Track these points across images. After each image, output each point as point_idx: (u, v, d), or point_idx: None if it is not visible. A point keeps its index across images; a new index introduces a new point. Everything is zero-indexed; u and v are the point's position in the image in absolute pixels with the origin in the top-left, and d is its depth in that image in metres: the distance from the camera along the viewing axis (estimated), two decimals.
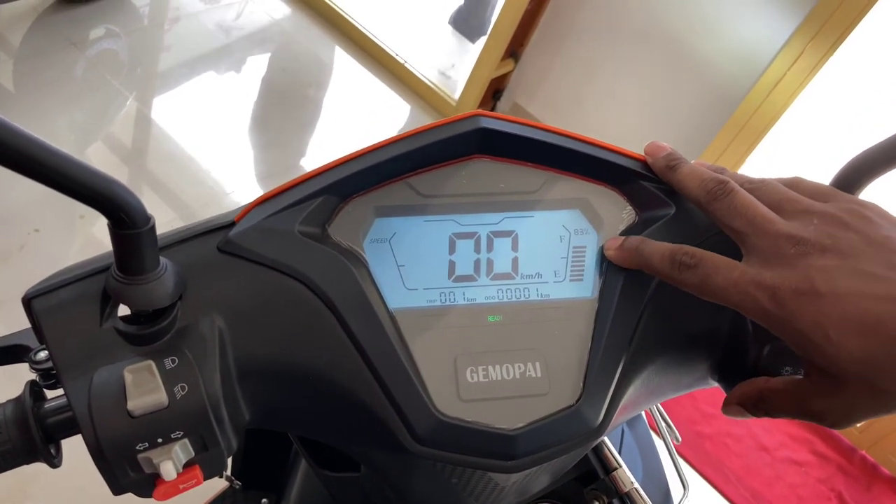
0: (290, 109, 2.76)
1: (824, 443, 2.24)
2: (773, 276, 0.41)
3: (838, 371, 0.39)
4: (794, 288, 0.40)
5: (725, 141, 2.22)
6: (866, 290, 0.39)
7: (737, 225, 0.44)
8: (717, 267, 0.43)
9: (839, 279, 0.39)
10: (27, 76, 2.44)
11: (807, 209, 0.43)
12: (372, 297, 0.46)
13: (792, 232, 0.42)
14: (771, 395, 0.46)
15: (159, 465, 0.40)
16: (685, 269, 0.44)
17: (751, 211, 0.44)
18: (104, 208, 0.36)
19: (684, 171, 0.48)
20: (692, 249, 0.45)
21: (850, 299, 0.39)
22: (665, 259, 0.46)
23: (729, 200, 0.45)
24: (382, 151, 0.47)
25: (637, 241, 0.48)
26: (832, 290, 0.39)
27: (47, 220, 1.98)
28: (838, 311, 0.39)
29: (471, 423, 0.45)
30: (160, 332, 0.42)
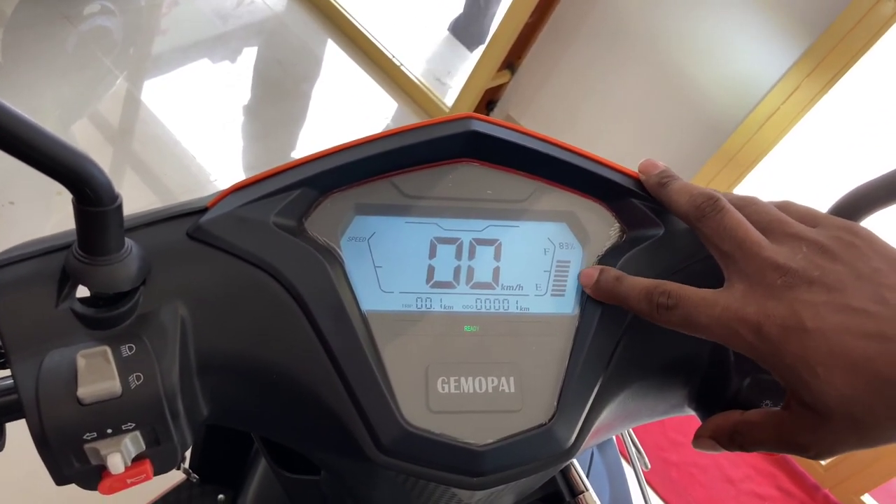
0: (281, 102, 2.74)
1: (789, 479, 2.24)
2: (758, 310, 0.40)
3: (823, 407, 0.38)
4: (781, 323, 0.39)
5: (714, 170, 2.22)
6: (854, 327, 0.38)
7: (725, 246, 0.43)
8: (696, 305, 0.42)
9: (827, 315, 0.38)
10: (16, 47, 2.40)
11: (796, 234, 0.42)
12: (345, 296, 0.44)
13: (780, 261, 0.40)
14: (747, 429, 0.44)
15: (106, 458, 0.38)
16: (664, 310, 0.43)
17: (740, 233, 0.42)
18: (68, 182, 0.34)
19: (675, 188, 0.47)
20: (670, 288, 0.43)
21: (838, 336, 0.38)
22: (642, 299, 0.44)
23: (719, 219, 0.44)
24: (368, 146, 0.46)
25: (613, 278, 0.47)
26: (819, 327, 0.38)
27: (23, 193, 1.94)
28: (825, 348, 0.38)
29: (438, 436, 0.43)
30: (119, 318, 0.40)
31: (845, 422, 0.38)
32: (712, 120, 2.26)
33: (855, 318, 0.38)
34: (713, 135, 2.25)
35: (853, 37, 1.88)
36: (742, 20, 2.10)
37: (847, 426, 0.38)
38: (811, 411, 0.39)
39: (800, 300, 0.39)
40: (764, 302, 0.40)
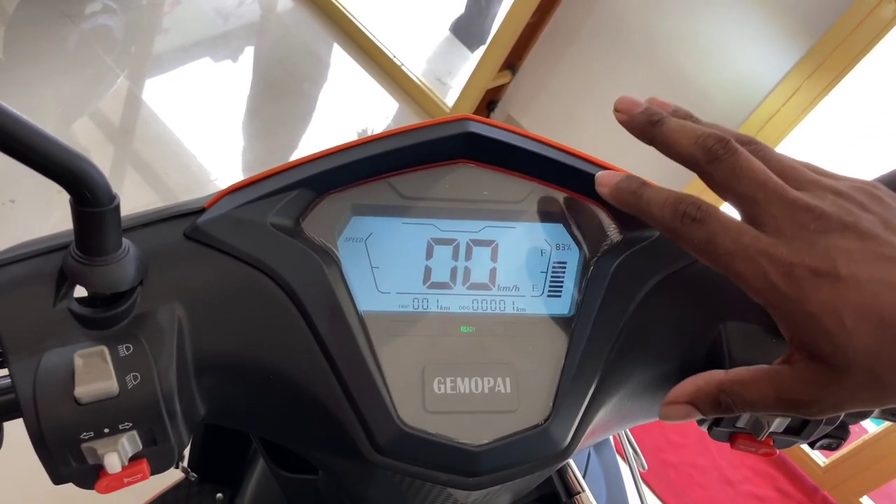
0: (282, 102, 2.74)
1: (788, 480, 2.24)
2: (790, 251, 0.37)
3: (844, 360, 0.36)
4: (814, 268, 0.36)
5: None
6: (887, 277, 0.36)
7: (745, 189, 0.39)
8: (725, 227, 0.38)
9: (862, 263, 0.36)
10: (17, 44, 2.40)
11: (818, 182, 0.39)
12: (342, 297, 0.44)
13: (811, 203, 0.37)
14: (736, 388, 0.41)
15: (103, 457, 0.38)
16: (689, 222, 0.39)
17: (761, 174, 0.39)
18: (66, 182, 0.34)
19: (672, 126, 0.42)
20: (700, 201, 0.40)
21: (871, 286, 0.36)
22: (667, 206, 0.40)
23: (734, 161, 0.39)
24: (365, 147, 0.46)
25: (637, 183, 0.43)
26: (853, 275, 0.36)
27: (24, 191, 1.94)
28: (857, 298, 0.36)
29: (434, 436, 0.44)
30: (116, 318, 0.40)
31: (864, 377, 0.36)
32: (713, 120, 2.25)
33: (889, 268, 0.36)
34: None
35: (854, 39, 1.88)
36: (743, 22, 2.10)
37: (864, 382, 0.36)
38: (823, 365, 0.37)
39: (835, 246, 0.36)
40: (796, 243, 0.37)
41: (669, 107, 0.45)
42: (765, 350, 0.47)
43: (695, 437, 2.22)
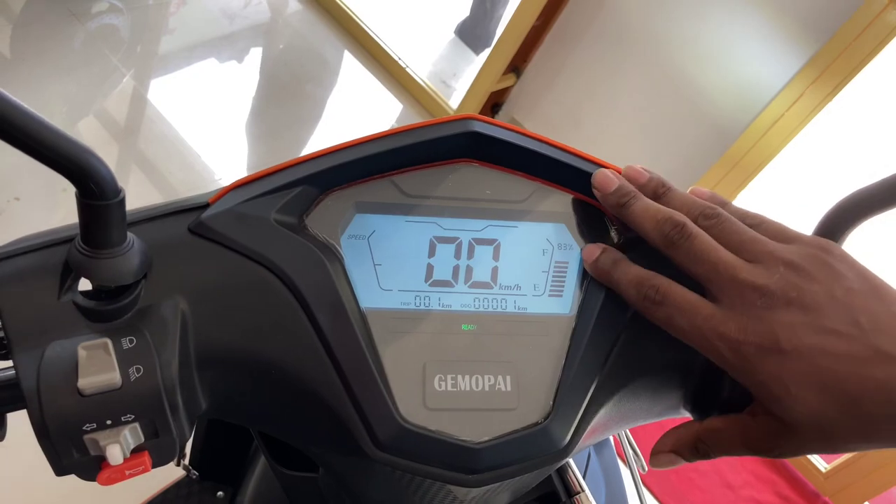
0: (287, 103, 2.75)
1: (789, 485, 2.24)
2: (738, 328, 0.41)
3: (793, 419, 0.40)
4: (758, 343, 0.40)
5: (718, 175, 2.22)
6: (828, 348, 0.39)
7: (699, 270, 0.43)
8: (681, 308, 0.43)
9: (803, 336, 0.40)
10: (24, 43, 2.41)
11: (771, 253, 0.43)
12: (344, 293, 0.44)
13: (758, 282, 0.41)
14: (711, 436, 0.46)
15: (106, 448, 0.39)
16: (650, 304, 0.44)
17: (713, 256, 0.43)
18: (73, 175, 0.35)
19: (637, 210, 0.47)
20: (660, 282, 0.44)
21: (812, 357, 0.39)
22: (632, 287, 0.45)
23: (688, 246, 0.44)
24: (369, 145, 0.46)
25: (611, 261, 0.47)
26: (795, 348, 0.40)
27: (29, 189, 1.95)
28: (800, 368, 0.40)
29: (434, 433, 0.44)
30: (120, 311, 0.41)
31: (813, 432, 0.40)
32: (717, 125, 2.26)
33: (829, 339, 0.40)
34: (717, 140, 2.25)
35: (858, 44, 1.88)
36: (747, 26, 2.10)
37: (814, 436, 0.41)
38: (779, 420, 0.41)
39: (778, 321, 0.40)
40: (743, 321, 0.41)
41: (644, 177, 0.49)
42: None
43: None
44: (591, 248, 0.49)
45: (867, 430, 0.40)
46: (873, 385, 0.38)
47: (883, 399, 0.38)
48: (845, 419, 0.39)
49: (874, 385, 0.38)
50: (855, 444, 0.40)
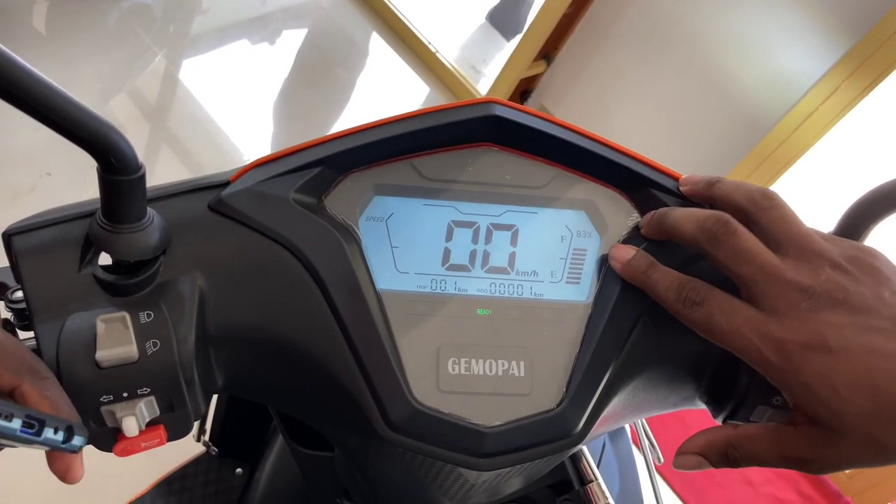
0: (316, 85, 2.75)
1: (811, 484, 2.22)
2: (781, 328, 0.40)
3: (840, 424, 0.39)
4: (804, 342, 0.39)
5: (749, 169, 2.19)
6: (878, 348, 0.38)
7: (744, 270, 0.42)
8: (722, 308, 0.42)
9: (851, 336, 0.38)
10: (60, 21, 2.44)
11: (819, 252, 0.41)
12: (361, 275, 0.45)
13: (803, 283, 0.40)
14: (745, 443, 0.44)
15: (122, 420, 0.39)
16: (689, 305, 0.43)
17: (759, 257, 0.42)
18: (95, 150, 0.35)
19: (677, 216, 0.46)
20: (700, 285, 0.43)
21: (862, 357, 0.38)
22: (672, 289, 0.44)
23: (733, 242, 0.42)
24: (389, 127, 0.46)
25: (647, 263, 0.46)
26: (844, 347, 0.38)
27: (61, 165, 1.98)
28: (849, 369, 0.38)
29: (446, 416, 0.44)
30: (139, 285, 0.41)
31: (862, 440, 0.38)
32: (749, 118, 2.23)
33: (879, 338, 0.38)
34: (749, 133, 2.22)
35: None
36: (783, 17, 2.07)
37: (862, 444, 0.39)
38: (824, 428, 0.40)
39: (825, 322, 0.39)
40: (787, 322, 0.40)
41: (697, 177, 0.49)
42: None
43: None
44: (621, 248, 0.48)
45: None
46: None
47: None
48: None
49: None
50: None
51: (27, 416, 0.33)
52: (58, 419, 0.36)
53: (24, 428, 0.33)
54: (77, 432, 0.37)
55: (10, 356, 0.36)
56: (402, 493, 0.57)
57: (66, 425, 0.36)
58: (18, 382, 0.36)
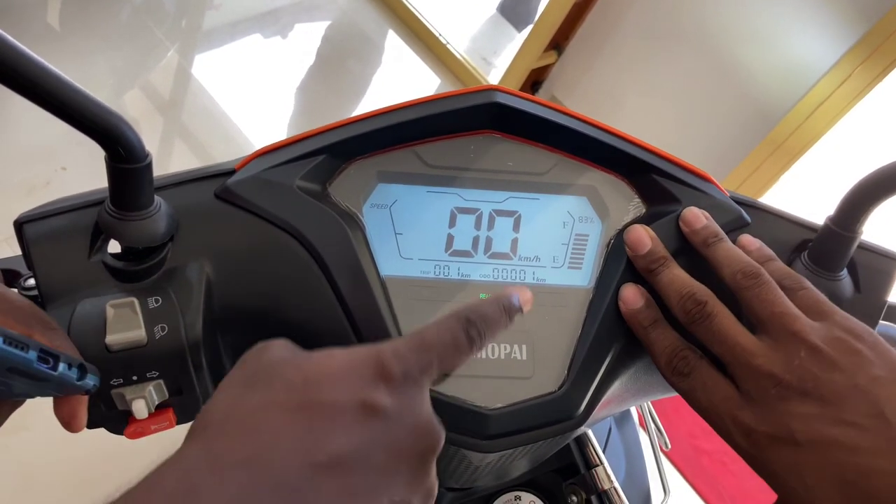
0: (328, 78, 2.76)
1: None
2: (752, 415, 0.40)
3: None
4: (771, 433, 0.39)
5: (760, 158, 2.18)
6: (847, 441, 0.37)
7: (717, 350, 0.43)
8: (705, 383, 0.43)
9: (819, 428, 0.38)
10: (73, 16, 2.46)
11: (797, 334, 0.40)
12: (364, 261, 0.45)
13: (774, 371, 0.40)
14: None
15: (131, 403, 0.40)
16: (677, 374, 0.44)
17: (730, 340, 0.42)
18: (102, 139, 0.36)
19: (663, 280, 0.46)
20: (690, 356, 0.44)
21: (830, 450, 0.37)
22: (664, 355, 0.45)
23: (707, 326, 0.43)
24: (392, 115, 0.47)
25: (650, 320, 0.46)
26: (810, 440, 0.38)
27: (75, 159, 1.99)
28: (816, 462, 0.38)
29: (449, 398, 0.45)
30: (148, 271, 0.42)
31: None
32: (760, 107, 2.21)
33: (848, 431, 0.37)
34: (760, 121, 2.20)
35: None
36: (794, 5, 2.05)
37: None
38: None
39: (792, 412, 0.39)
40: (758, 409, 0.40)
41: (700, 223, 0.48)
42: None
43: None
44: (632, 292, 0.47)
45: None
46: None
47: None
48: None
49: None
50: None
51: (41, 350, 0.34)
52: (70, 356, 0.36)
53: (39, 361, 0.34)
54: (90, 371, 0.37)
55: (20, 309, 0.37)
56: None
57: (78, 362, 0.37)
58: (30, 333, 0.36)
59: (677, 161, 0.49)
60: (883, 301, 0.49)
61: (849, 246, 0.47)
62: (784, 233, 0.50)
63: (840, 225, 0.46)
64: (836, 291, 0.48)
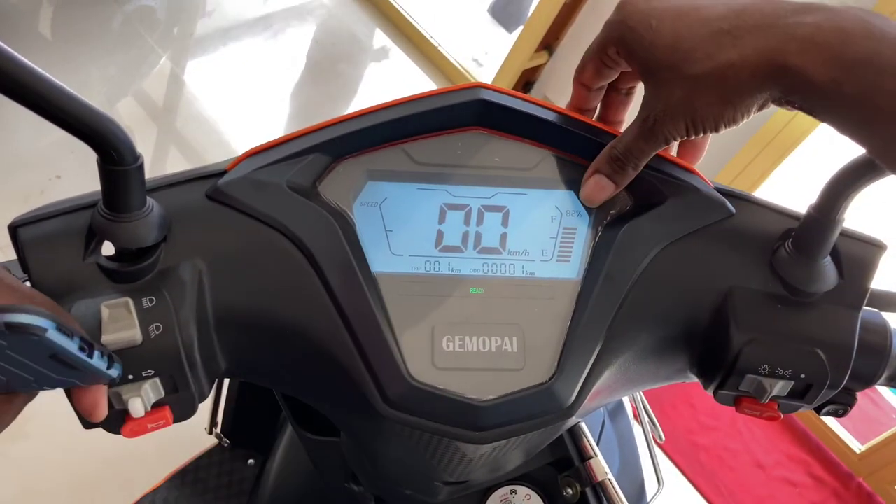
0: (320, 82, 2.77)
1: (822, 466, 2.22)
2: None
3: (653, 60, 0.44)
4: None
5: (750, 154, 2.19)
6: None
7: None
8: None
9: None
10: (65, 25, 2.47)
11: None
12: (356, 258, 0.46)
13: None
14: (620, 139, 0.48)
15: (128, 402, 0.41)
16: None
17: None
18: (93, 142, 0.37)
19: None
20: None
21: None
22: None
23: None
24: (379, 114, 0.47)
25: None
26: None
27: (70, 167, 2.00)
28: (662, 5, 0.45)
29: (442, 391, 0.45)
30: (141, 272, 0.43)
31: (671, 74, 0.44)
32: None
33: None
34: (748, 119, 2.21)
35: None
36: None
37: (673, 79, 0.44)
38: (649, 76, 0.45)
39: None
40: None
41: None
42: (769, 314, 0.48)
43: (727, 420, 2.21)
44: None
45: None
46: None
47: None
48: (695, 46, 0.43)
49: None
50: (709, 76, 0.42)
51: (81, 339, 0.35)
52: (99, 344, 0.37)
53: (80, 349, 0.34)
54: (115, 360, 0.38)
55: (40, 302, 0.38)
56: (406, 472, 0.58)
57: (107, 351, 0.37)
58: None
59: (662, 154, 0.50)
60: (866, 287, 0.50)
61: (831, 232, 0.47)
62: (769, 222, 0.51)
63: (822, 212, 0.47)
64: (820, 278, 0.48)
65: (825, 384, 0.48)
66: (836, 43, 0.39)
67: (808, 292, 0.49)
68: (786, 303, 0.49)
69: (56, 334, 0.32)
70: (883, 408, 2.58)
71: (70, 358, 0.34)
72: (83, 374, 0.36)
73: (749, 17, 0.42)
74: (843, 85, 0.39)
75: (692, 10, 0.44)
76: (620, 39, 0.47)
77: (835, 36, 0.39)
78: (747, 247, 0.50)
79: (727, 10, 0.43)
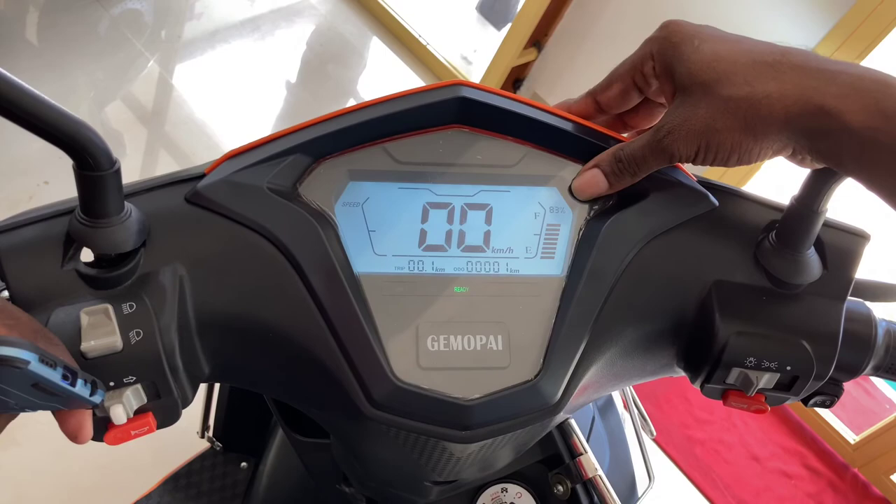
0: (309, 84, 2.76)
1: (817, 457, 2.23)
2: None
3: (687, 74, 0.45)
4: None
5: None
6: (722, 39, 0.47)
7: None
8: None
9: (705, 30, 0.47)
10: (51, 30, 2.45)
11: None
12: (338, 259, 0.46)
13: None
14: (628, 145, 0.48)
15: (109, 409, 0.40)
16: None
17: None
18: (68, 147, 0.36)
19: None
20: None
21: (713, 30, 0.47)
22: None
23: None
24: (359, 113, 0.47)
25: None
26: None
27: (58, 173, 1.99)
28: (708, 30, 0.47)
29: (427, 391, 0.45)
30: (121, 278, 0.42)
31: (701, 91, 0.44)
32: None
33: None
34: None
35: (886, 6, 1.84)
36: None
37: (702, 96, 0.44)
38: (680, 89, 0.46)
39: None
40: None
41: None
42: (754, 306, 0.48)
43: (722, 413, 2.21)
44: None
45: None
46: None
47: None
48: (732, 70, 0.43)
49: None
50: (743, 100, 0.43)
51: (65, 367, 0.35)
52: (83, 372, 0.37)
53: (63, 378, 0.34)
54: (99, 386, 0.38)
55: (24, 324, 0.37)
56: (395, 473, 0.58)
57: (90, 378, 0.37)
58: None
59: None
60: (850, 277, 0.50)
61: (814, 223, 0.47)
62: (752, 214, 0.51)
63: (805, 203, 0.47)
64: (804, 269, 0.48)
65: (811, 375, 0.48)
66: (876, 91, 0.39)
67: (793, 284, 0.48)
68: (771, 295, 0.49)
69: (39, 366, 0.32)
70: (877, 398, 2.58)
71: (53, 387, 0.34)
72: (66, 400, 0.36)
73: (793, 58, 0.43)
74: (880, 133, 0.39)
75: (738, 41, 0.45)
76: (661, 53, 0.48)
77: (876, 85, 0.39)
78: (731, 239, 0.50)
79: (772, 48, 0.44)
